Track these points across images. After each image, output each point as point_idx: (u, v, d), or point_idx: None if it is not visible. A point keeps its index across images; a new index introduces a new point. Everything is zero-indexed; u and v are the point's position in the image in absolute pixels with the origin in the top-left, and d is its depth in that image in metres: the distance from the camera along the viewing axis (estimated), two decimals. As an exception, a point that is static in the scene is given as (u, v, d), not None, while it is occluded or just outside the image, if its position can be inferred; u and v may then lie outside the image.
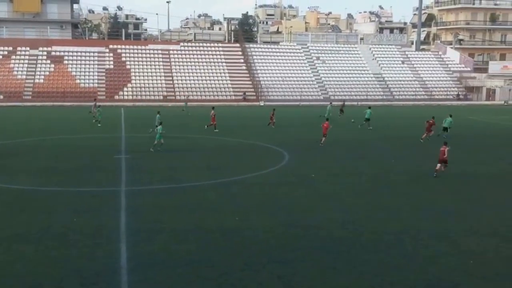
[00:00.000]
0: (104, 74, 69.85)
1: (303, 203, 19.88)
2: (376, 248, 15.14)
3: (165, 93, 68.20)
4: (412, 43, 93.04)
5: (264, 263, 13.88)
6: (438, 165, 24.32)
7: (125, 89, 68.01)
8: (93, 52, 72.50)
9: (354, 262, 14.04)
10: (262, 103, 65.65)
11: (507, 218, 18.37)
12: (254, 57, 76.88)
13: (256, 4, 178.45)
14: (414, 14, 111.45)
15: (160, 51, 74.91)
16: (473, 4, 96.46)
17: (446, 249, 15.14)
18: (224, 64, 74.58)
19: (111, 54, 72.96)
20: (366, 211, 18.88)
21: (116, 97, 65.51)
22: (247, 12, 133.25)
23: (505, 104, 69.95)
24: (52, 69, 69.10)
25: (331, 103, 51.97)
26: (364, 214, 18.55)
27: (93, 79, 68.70)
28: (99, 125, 40.78)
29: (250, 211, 18.70)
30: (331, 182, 23.52)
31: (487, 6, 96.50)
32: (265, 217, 17.94)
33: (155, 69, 71.90)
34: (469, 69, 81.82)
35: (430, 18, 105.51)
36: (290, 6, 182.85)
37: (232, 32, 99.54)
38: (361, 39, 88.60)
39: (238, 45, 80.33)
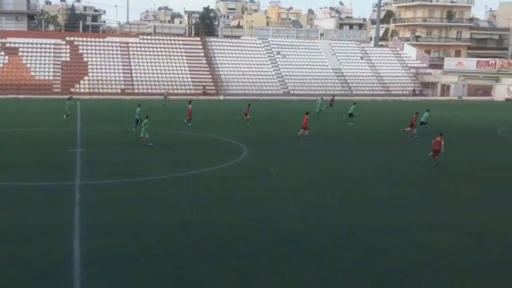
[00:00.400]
0: (60, 66, 68.28)
1: (262, 197, 19.88)
2: (333, 241, 15.27)
3: (123, 87, 67.18)
4: (371, 39, 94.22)
5: (223, 257, 13.82)
6: (431, 154, 26.12)
7: (81, 82, 66.66)
8: (49, 44, 70.78)
9: (312, 255, 14.12)
10: (221, 97, 65.45)
11: (463, 212, 18.80)
12: (215, 51, 76.50)
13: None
14: (373, 11, 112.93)
15: (118, 44, 73.71)
16: (431, 1, 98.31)
17: (401, 242, 15.39)
18: (184, 57, 73.96)
19: (68, 46, 71.39)
20: (324, 205, 19.01)
21: (72, 90, 64.06)
22: (208, 6, 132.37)
23: (459, 99, 71.65)
24: (6, 61, 67.13)
25: (322, 97, 52.65)
26: (323, 208, 18.68)
27: (48, 72, 67.07)
28: (65, 117, 39.68)
29: (209, 205, 18.59)
30: (290, 176, 23.58)
31: (444, 4, 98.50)
32: (224, 211, 17.87)
33: (113, 62, 70.71)
34: (425, 65, 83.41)
35: (389, 14, 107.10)
36: (252, 1, 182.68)
37: (193, 26, 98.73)
38: (321, 34, 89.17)
39: (198, 38, 79.77)
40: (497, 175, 25.09)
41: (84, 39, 73.86)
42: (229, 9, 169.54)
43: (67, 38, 72.85)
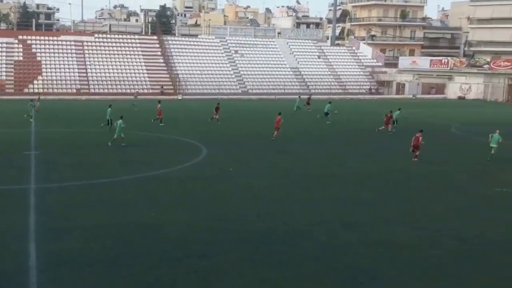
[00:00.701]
0: (12, 66, 66.45)
1: (222, 197, 19.89)
2: (293, 239, 15.43)
3: (78, 86, 65.89)
4: (328, 38, 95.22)
5: (183, 258, 13.79)
6: (411, 149, 27.68)
7: (35, 82, 65.04)
8: (1, 43, 68.76)
9: (271, 254, 14.23)
10: (180, 97, 65.01)
11: (420, 208, 19.26)
12: (172, 50, 75.92)
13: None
14: (330, 10, 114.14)
15: (73, 43, 72.26)
16: (385, 1, 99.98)
17: (358, 239, 15.67)
18: (141, 56, 73.12)
19: (21, 45, 69.55)
20: (283, 204, 19.18)
21: (26, 90, 62.50)
22: (165, 4, 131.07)
23: (414, 98, 73.15)
24: (-45, 60, 64.99)
25: (299, 96, 53.46)
26: (282, 206, 18.84)
27: (0, 72, 65.22)
28: (30, 119, 38.70)
29: (169, 206, 18.49)
30: (251, 175, 23.66)
31: (397, 3, 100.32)
32: (183, 212, 17.81)
33: (67, 61, 69.25)
34: (380, 64, 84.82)
35: (345, 14, 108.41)
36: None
37: (149, 24, 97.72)
38: (279, 33, 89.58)
39: (155, 37, 78.99)
40: (453, 172, 25.78)
41: (38, 38, 72.12)
42: (186, 7, 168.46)
43: (20, 37, 71.00)
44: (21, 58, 67.88)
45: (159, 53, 74.80)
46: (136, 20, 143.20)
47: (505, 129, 32.41)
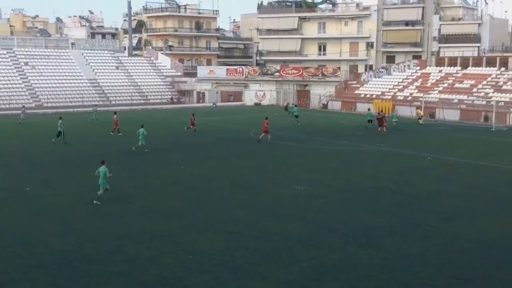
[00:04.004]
0: None
1: (16, 220, 18.32)
2: (100, 257, 14.82)
3: None
4: (125, 49, 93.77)
5: (-27, 292, 12.36)
6: (381, 127, 40.74)
7: None
8: None
9: (76, 275, 13.48)
10: (-37, 114, 58.64)
11: (220, 213, 19.82)
12: (-50, 62, 68.23)
13: None
14: (125, 20, 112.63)
15: None
16: (179, 12, 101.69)
17: (167, 248, 15.60)
18: None
19: None
20: (86, 221, 18.32)
21: None
22: None
23: (214, 106, 75.55)
24: None
25: (291, 103, 61.65)
26: (85, 223, 17.98)
27: None
28: None
29: (-47, 236, 16.47)
30: (48, 194, 22.18)
31: (192, 15, 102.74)
32: (-29, 241, 16.01)
33: None
34: (180, 73, 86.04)
35: (140, 24, 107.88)
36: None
37: None
38: (73, 44, 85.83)
39: None
40: (254, 174, 27.00)
41: None
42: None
43: None
44: None
45: None
46: None
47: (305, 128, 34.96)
